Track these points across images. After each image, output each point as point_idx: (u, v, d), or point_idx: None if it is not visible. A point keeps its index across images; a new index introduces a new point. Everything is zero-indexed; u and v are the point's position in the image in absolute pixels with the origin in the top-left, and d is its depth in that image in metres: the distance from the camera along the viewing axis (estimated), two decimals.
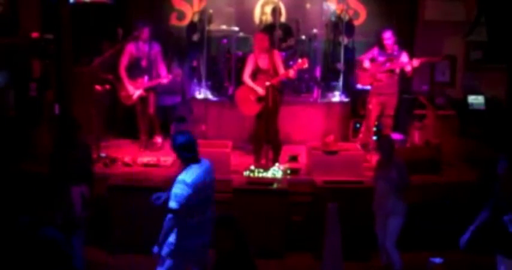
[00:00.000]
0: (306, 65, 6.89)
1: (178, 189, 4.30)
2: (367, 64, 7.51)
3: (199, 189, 4.34)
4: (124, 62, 7.53)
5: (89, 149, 5.87)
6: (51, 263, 3.62)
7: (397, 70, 7.48)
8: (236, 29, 9.08)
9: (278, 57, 7.02)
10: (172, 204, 4.31)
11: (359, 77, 7.74)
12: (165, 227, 4.38)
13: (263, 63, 6.97)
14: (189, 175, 4.35)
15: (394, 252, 5.45)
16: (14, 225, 3.87)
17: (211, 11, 9.08)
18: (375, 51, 7.60)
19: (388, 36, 7.41)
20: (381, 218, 5.55)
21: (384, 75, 7.47)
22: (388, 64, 7.44)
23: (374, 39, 8.14)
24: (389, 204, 5.44)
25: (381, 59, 7.50)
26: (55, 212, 5.51)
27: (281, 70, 6.91)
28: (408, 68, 7.33)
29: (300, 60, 6.96)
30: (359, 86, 8.15)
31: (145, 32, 7.46)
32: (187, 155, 4.45)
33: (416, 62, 7.31)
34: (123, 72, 7.53)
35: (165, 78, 7.51)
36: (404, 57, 7.43)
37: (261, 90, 6.89)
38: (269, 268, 5.89)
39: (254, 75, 7.03)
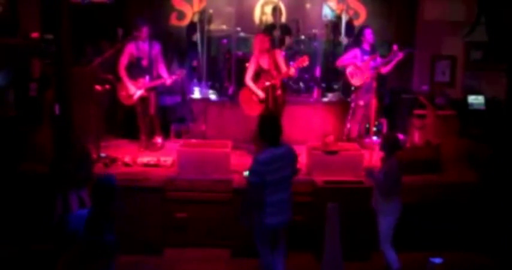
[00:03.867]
0: (306, 63, 6.93)
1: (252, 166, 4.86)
2: (360, 63, 7.69)
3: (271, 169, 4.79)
4: (123, 61, 7.52)
5: (88, 153, 5.89)
6: None
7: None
8: (236, 29, 9.08)
9: (280, 56, 7.03)
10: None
11: (353, 77, 7.79)
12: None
13: (265, 63, 6.98)
14: (261, 154, 4.85)
15: (390, 252, 5.44)
16: None
17: (211, 11, 9.09)
18: (357, 52, 7.77)
19: (369, 32, 7.75)
20: (377, 216, 5.56)
21: (371, 72, 7.65)
22: (372, 62, 7.67)
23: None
24: (379, 203, 5.46)
25: (365, 57, 7.70)
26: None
27: (283, 69, 6.92)
28: (383, 67, 7.67)
29: (300, 58, 6.97)
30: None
31: (145, 31, 7.45)
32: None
33: (398, 56, 7.63)
34: (122, 72, 7.52)
35: (168, 79, 7.50)
36: (378, 57, 7.76)
37: (261, 94, 6.95)
38: None
39: (257, 76, 7.05)
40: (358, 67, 7.70)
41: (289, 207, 5.03)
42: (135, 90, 7.51)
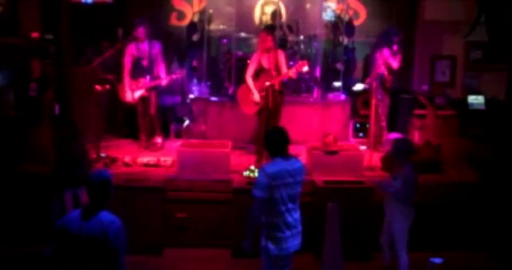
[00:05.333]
0: (306, 68, 6.86)
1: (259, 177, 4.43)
2: (396, 65, 7.74)
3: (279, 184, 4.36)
4: (127, 64, 7.50)
5: (86, 151, 5.90)
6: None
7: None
8: (236, 29, 9.08)
9: (282, 57, 7.00)
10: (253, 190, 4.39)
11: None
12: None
13: (266, 62, 6.97)
14: (270, 166, 4.44)
15: (403, 257, 5.38)
16: None
17: (211, 11, 9.09)
18: (387, 52, 7.75)
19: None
20: (387, 217, 5.54)
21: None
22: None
23: (376, 39, 8.22)
24: (392, 209, 5.42)
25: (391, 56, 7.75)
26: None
27: (284, 70, 6.90)
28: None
29: (299, 62, 6.95)
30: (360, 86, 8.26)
31: (141, 31, 7.44)
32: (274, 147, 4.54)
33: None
34: (127, 77, 7.52)
35: (164, 80, 7.50)
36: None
37: (257, 98, 6.90)
38: None
39: (257, 75, 7.03)
40: (394, 69, 7.73)
41: (301, 229, 4.61)
42: (130, 97, 7.52)
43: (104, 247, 3.75)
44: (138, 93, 7.56)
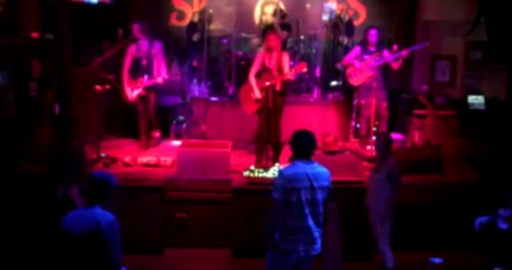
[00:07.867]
0: (304, 69, 6.88)
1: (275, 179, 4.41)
2: (358, 65, 7.75)
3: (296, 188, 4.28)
4: (127, 64, 7.53)
5: (82, 150, 5.90)
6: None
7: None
8: (236, 29, 9.09)
9: (286, 58, 7.00)
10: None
11: (351, 77, 7.88)
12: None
13: (269, 62, 6.97)
14: (287, 168, 4.40)
15: (388, 252, 5.47)
16: None
17: (211, 11, 9.09)
18: (357, 50, 7.86)
19: (373, 33, 7.73)
20: (372, 215, 5.58)
21: (376, 71, 7.66)
22: (374, 61, 7.66)
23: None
24: (378, 206, 5.45)
25: (366, 57, 7.73)
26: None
27: (285, 71, 6.91)
28: (394, 63, 7.66)
29: (299, 64, 6.96)
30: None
31: (135, 28, 7.46)
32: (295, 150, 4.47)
33: (405, 52, 7.56)
34: (126, 76, 7.53)
35: (159, 78, 7.47)
36: (386, 53, 7.73)
37: (258, 95, 6.92)
38: None
39: (259, 74, 7.04)
40: (357, 68, 7.75)
41: (317, 238, 4.41)
42: (131, 95, 7.54)
43: (98, 242, 3.75)
44: (136, 92, 7.57)
